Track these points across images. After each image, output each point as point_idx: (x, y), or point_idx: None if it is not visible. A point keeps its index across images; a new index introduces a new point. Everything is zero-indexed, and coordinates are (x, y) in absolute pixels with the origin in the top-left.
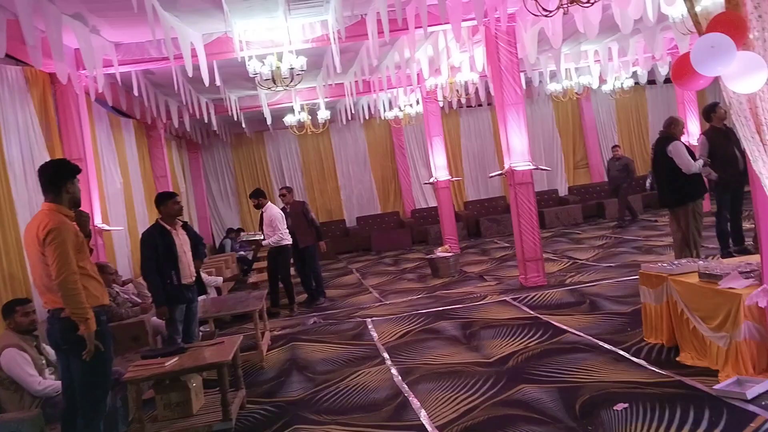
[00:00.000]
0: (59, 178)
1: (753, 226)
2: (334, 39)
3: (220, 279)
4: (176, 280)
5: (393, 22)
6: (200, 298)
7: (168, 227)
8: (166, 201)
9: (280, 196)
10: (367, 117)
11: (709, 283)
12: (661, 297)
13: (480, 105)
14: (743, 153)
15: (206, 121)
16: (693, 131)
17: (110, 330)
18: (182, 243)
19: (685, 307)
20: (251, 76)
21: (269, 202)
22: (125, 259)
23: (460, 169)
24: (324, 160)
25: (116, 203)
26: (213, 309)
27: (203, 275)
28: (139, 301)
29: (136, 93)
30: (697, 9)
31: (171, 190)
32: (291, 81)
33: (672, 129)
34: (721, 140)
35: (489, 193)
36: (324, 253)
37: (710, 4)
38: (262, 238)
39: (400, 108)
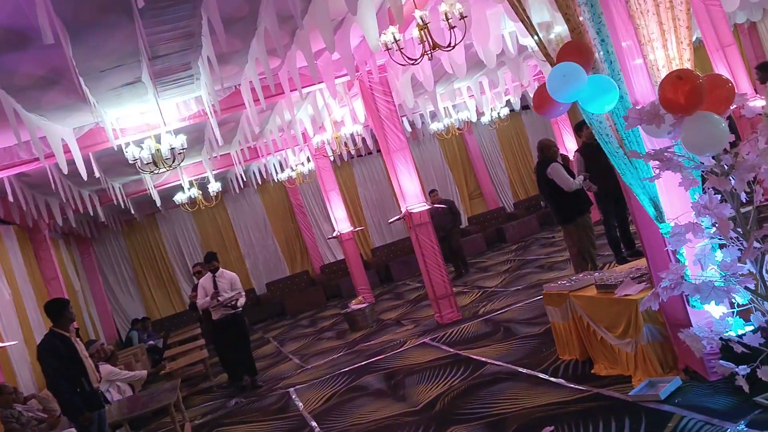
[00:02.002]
0: None
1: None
2: (211, 113)
3: (144, 372)
4: (87, 386)
5: (267, 89)
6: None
7: (67, 334)
8: (65, 308)
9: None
10: (260, 182)
11: (606, 294)
12: (567, 314)
13: (370, 153)
14: None
15: (92, 213)
16: (571, 147)
17: None
18: (82, 348)
19: (590, 320)
20: (131, 162)
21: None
22: (27, 373)
23: (361, 218)
24: (223, 231)
25: (8, 316)
26: (126, 410)
27: (124, 371)
28: (45, 416)
29: (11, 198)
30: (552, 36)
31: (64, 290)
32: (174, 161)
33: (546, 152)
34: (594, 154)
35: (394, 236)
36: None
37: (562, 30)
38: (231, 298)
39: (291, 168)
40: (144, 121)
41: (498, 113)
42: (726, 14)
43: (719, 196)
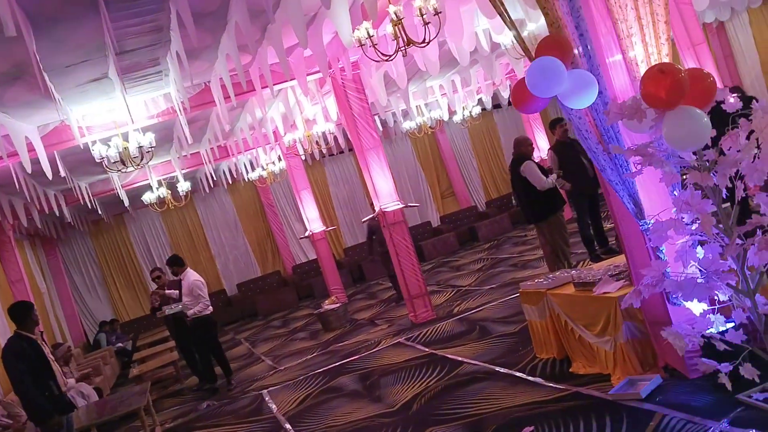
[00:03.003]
0: None
1: (613, 226)
2: (180, 111)
3: (73, 380)
4: (56, 390)
5: (238, 86)
6: None
7: (33, 336)
8: (30, 311)
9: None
10: (230, 181)
11: (584, 292)
12: (544, 312)
13: (342, 152)
14: (590, 161)
15: (58, 214)
16: (542, 146)
17: None
18: (48, 351)
19: (568, 318)
20: (98, 161)
21: (188, 269)
22: None
23: (333, 217)
24: (193, 231)
25: None
26: (95, 415)
27: None
28: (10, 422)
29: None
30: (524, 33)
31: (30, 292)
32: (142, 159)
33: (521, 149)
34: (568, 152)
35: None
36: None
37: (535, 28)
38: (180, 308)
39: (262, 167)
40: (111, 118)
41: (470, 112)
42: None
43: (700, 192)
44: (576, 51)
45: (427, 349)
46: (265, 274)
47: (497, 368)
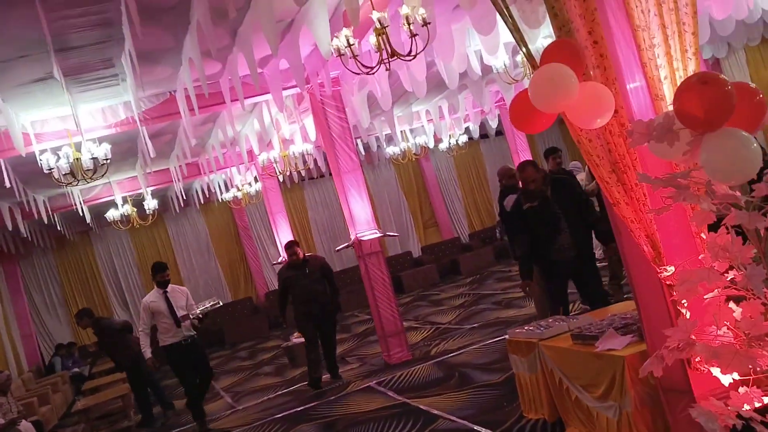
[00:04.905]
0: None
1: (605, 264)
2: (139, 121)
3: None
4: None
5: (206, 97)
6: None
7: None
8: None
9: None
10: (202, 201)
11: (584, 346)
12: (535, 365)
13: (323, 176)
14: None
15: (11, 228)
16: None
17: None
18: None
19: (563, 375)
20: (46, 171)
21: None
22: None
23: (311, 243)
24: (162, 252)
25: None
26: None
27: None
28: None
29: None
30: (518, 58)
31: None
32: (95, 172)
33: (509, 180)
34: (559, 186)
35: (344, 264)
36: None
37: (532, 49)
38: (198, 313)
39: (237, 188)
40: (64, 126)
41: (456, 140)
42: None
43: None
44: (589, 61)
45: (399, 398)
46: (236, 300)
47: (478, 428)
